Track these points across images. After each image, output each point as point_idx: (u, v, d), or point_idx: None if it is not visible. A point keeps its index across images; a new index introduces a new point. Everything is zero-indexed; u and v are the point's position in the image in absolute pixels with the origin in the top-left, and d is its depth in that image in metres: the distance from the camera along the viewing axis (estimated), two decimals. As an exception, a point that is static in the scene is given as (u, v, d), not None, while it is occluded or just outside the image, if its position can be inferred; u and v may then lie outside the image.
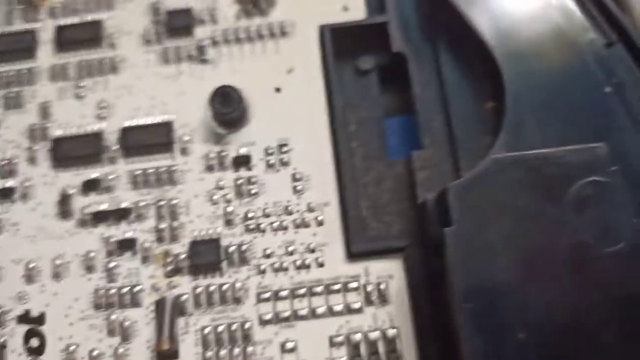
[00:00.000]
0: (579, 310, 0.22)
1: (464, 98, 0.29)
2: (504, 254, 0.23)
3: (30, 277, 0.28)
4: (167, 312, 0.26)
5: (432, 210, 0.25)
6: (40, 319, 0.27)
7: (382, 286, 0.27)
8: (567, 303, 0.23)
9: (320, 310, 0.26)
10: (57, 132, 0.29)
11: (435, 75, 0.29)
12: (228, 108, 0.28)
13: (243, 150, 0.29)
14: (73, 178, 0.29)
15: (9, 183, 0.29)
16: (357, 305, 0.26)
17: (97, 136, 0.29)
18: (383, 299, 0.26)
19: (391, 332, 0.26)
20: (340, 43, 0.29)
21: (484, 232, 0.23)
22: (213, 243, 0.27)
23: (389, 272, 0.27)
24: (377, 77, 0.30)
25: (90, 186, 0.29)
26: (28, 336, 0.27)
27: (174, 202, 0.28)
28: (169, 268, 0.27)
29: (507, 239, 0.23)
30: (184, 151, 0.29)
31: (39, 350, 0.27)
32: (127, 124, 0.29)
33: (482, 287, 0.23)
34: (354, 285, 0.27)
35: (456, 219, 0.23)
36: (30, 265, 0.28)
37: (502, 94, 0.27)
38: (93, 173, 0.29)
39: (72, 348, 0.27)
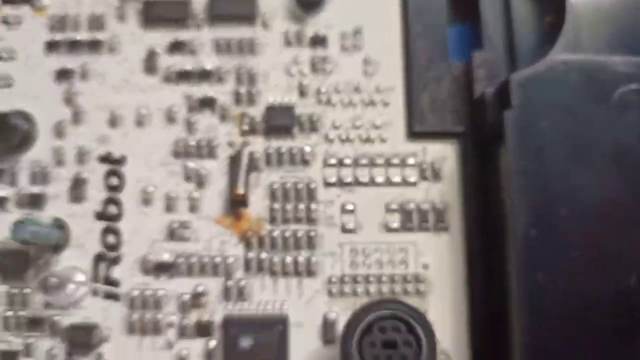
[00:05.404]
0: (617, 194, 0.25)
1: (526, 10, 0.31)
2: (554, 141, 0.25)
3: (113, 121, 0.29)
4: (243, 165, 0.28)
5: (491, 100, 0.28)
6: (121, 161, 0.29)
7: (437, 165, 0.29)
8: (607, 188, 0.25)
9: (379, 180, 0.29)
10: (149, -5, 0.30)
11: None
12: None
13: (321, 32, 0.30)
14: (160, 38, 0.30)
15: (99, 36, 0.30)
16: (412, 179, 0.29)
17: (185, 3, 0.30)
18: (436, 175, 0.29)
19: (441, 206, 0.28)
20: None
21: (539, 120, 0.26)
22: (287, 110, 0.29)
23: (444, 153, 0.29)
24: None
25: (176, 47, 0.30)
26: (109, 175, 0.29)
27: (254, 71, 0.30)
28: (245, 128, 0.29)
29: (558, 128, 0.26)
30: (265, 25, 0.30)
31: (118, 187, 0.29)
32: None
33: (533, 166, 0.25)
34: (411, 161, 0.29)
35: (515, 105, 0.26)
36: (116, 113, 0.29)
37: (562, 10, 0.28)
38: (180, 36, 0.30)
39: (150, 189, 0.29)
